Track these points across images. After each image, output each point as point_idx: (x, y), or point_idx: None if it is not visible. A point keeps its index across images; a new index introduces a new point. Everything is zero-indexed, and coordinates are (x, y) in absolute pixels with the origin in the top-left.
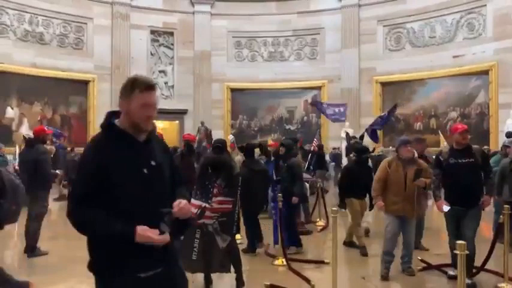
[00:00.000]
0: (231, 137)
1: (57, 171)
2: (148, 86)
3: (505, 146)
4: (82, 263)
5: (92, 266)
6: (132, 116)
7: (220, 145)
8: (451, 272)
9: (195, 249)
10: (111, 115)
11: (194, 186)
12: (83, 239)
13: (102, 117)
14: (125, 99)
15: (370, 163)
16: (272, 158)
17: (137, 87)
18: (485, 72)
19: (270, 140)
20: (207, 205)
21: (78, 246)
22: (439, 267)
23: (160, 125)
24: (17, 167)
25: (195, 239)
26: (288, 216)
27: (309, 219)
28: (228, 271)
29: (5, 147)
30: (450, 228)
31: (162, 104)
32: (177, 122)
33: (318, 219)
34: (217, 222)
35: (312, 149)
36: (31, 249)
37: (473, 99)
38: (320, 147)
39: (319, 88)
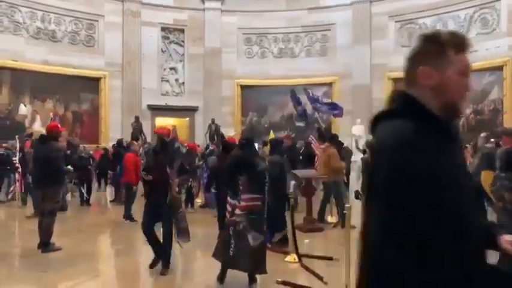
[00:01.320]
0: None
1: (69, 168)
2: (466, 43)
3: None
4: (95, 259)
5: None
6: (448, 92)
7: (245, 141)
8: None
9: (232, 245)
10: (408, 96)
11: (166, 188)
12: (95, 235)
13: (114, 113)
14: (434, 65)
15: None
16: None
17: (452, 47)
18: (499, 68)
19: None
20: (237, 203)
21: (90, 242)
22: None
23: (171, 122)
24: (17, 164)
25: (230, 236)
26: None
27: (321, 218)
28: (263, 272)
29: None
30: None
31: (173, 101)
32: (187, 119)
33: (329, 216)
34: (246, 220)
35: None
36: (45, 245)
37: (486, 95)
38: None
39: (330, 85)
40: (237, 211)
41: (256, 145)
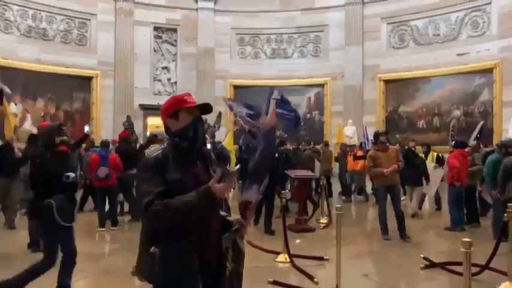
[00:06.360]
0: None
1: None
2: None
3: (505, 146)
4: (86, 259)
5: None
6: None
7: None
8: None
9: None
10: None
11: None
12: (85, 235)
13: (106, 113)
14: None
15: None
16: None
17: None
18: (490, 70)
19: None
20: None
21: (81, 241)
22: (443, 266)
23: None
24: None
25: None
26: None
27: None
28: None
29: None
30: None
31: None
32: None
33: (321, 217)
34: None
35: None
36: (35, 244)
37: (477, 97)
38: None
39: (322, 86)
40: None
41: None
